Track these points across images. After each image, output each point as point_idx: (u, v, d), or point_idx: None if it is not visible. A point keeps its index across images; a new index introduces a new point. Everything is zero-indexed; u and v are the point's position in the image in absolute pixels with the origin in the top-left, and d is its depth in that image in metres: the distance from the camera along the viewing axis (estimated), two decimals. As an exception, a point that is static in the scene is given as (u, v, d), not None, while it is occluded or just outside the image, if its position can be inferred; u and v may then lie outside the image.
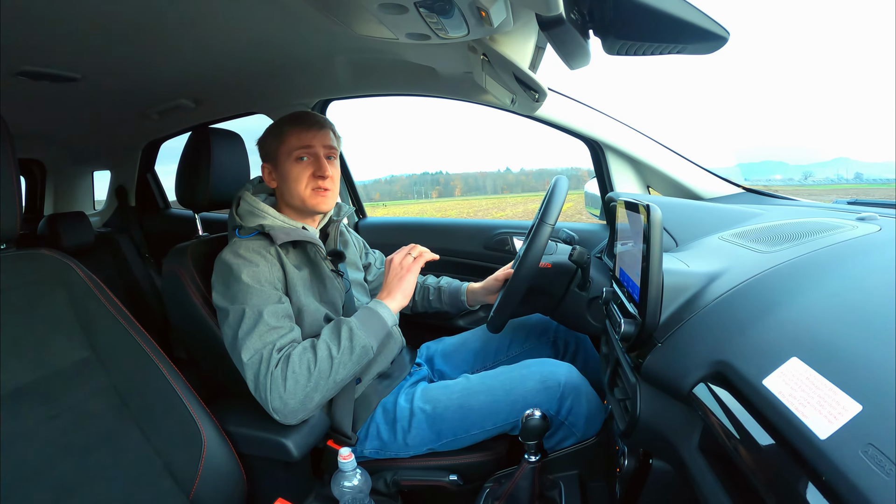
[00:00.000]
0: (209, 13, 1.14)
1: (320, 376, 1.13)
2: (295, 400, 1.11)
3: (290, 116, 1.36)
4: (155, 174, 2.92)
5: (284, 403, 1.11)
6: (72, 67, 1.42)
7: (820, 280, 0.73)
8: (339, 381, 1.17)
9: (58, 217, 2.45)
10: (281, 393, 1.10)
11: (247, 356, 1.13)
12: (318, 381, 1.13)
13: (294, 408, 1.12)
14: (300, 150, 1.31)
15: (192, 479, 1.05)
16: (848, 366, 0.52)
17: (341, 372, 1.15)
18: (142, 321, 1.16)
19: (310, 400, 1.13)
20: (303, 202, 1.33)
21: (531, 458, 1.09)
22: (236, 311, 1.17)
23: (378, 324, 1.23)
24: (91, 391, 1.03)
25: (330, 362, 1.14)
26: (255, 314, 1.15)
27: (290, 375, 1.11)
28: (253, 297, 1.17)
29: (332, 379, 1.15)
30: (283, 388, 1.10)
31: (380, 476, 1.25)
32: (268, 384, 1.11)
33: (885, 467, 0.40)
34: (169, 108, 2.02)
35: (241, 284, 1.18)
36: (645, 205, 0.79)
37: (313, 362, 1.13)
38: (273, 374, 1.11)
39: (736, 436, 0.57)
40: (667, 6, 0.79)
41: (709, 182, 1.66)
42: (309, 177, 1.32)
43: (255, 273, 1.20)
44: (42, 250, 1.10)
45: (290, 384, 1.11)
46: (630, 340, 0.84)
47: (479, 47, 1.09)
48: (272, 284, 1.21)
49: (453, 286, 1.68)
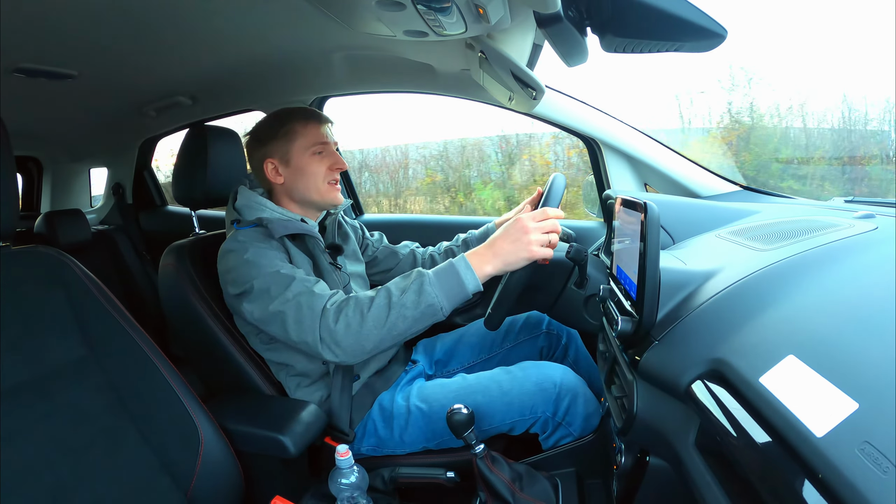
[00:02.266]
0: (206, 10, 1.14)
1: (375, 324, 1.08)
2: (347, 339, 1.09)
3: (295, 112, 1.36)
4: (152, 171, 2.91)
5: (335, 341, 1.09)
6: (68, 64, 1.41)
7: (817, 278, 0.73)
8: (396, 334, 1.09)
9: (55, 214, 2.44)
10: (331, 328, 1.09)
11: (287, 309, 1.12)
12: (371, 328, 1.08)
13: (346, 348, 1.10)
14: (318, 146, 1.33)
15: (189, 477, 1.05)
16: (845, 364, 0.52)
17: (399, 325, 1.08)
18: (139, 318, 1.15)
19: (362, 343, 1.09)
20: (321, 196, 1.35)
21: (476, 449, 1.11)
22: (259, 285, 1.16)
23: (456, 285, 1.09)
24: (88, 389, 1.03)
25: (388, 311, 1.08)
26: (277, 277, 1.16)
27: (342, 318, 1.09)
28: (267, 267, 1.18)
29: (388, 329, 1.08)
30: (333, 325, 1.09)
31: (377, 473, 1.25)
32: (316, 324, 1.09)
33: (881, 465, 0.40)
34: (166, 105, 2.01)
35: (250, 263, 1.18)
36: (642, 202, 0.79)
37: (367, 306, 1.09)
38: (325, 312, 1.10)
39: (733, 433, 0.57)
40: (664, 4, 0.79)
41: (706, 179, 1.66)
42: (326, 170, 1.34)
43: (262, 250, 1.21)
44: (39, 248, 1.09)
45: (341, 325, 1.09)
46: (627, 338, 0.85)
47: (476, 44, 1.09)
48: (280, 259, 1.22)
49: (478, 232, 1.64)
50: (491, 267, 1.11)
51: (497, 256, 1.11)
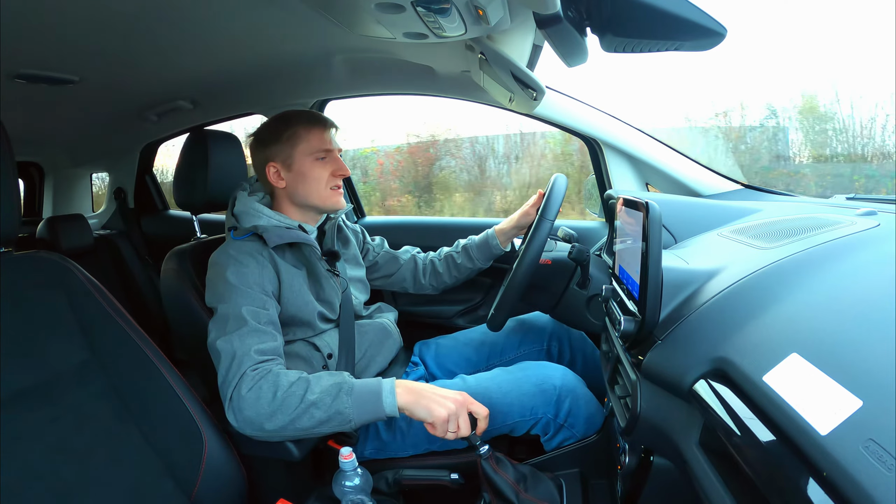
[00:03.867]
0: (207, 14, 1.14)
1: (282, 408, 1.05)
2: (250, 411, 1.06)
3: (300, 116, 1.35)
4: (153, 175, 2.92)
5: (239, 407, 1.06)
6: (69, 70, 1.42)
7: (819, 276, 0.73)
8: (299, 428, 1.07)
9: (57, 220, 2.44)
10: (241, 394, 1.06)
11: (223, 352, 1.11)
12: (275, 410, 1.05)
13: (246, 417, 1.06)
14: (321, 151, 1.32)
15: (193, 481, 1.05)
16: (848, 361, 0.52)
17: (304, 420, 1.06)
18: (141, 323, 1.16)
19: (261, 421, 1.06)
20: (323, 201, 1.35)
21: (481, 450, 1.10)
22: (222, 311, 1.16)
23: (373, 404, 1.08)
24: (92, 393, 1.03)
25: (299, 401, 1.06)
26: (237, 316, 1.14)
27: (255, 389, 1.06)
28: (237, 296, 1.17)
29: (292, 419, 1.05)
30: (244, 391, 1.06)
31: (381, 475, 1.25)
32: (233, 383, 1.08)
33: (885, 462, 0.40)
34: (167, 110, 2.01)
35: (227, 284, 1.18)
36: (644, 202, 0.79)
37: (284, 389, 1.06)
38: (244, 376, 1.07)
39: (737, 432, 0.57)
40: (664, 3, 0.79)
41: (707, 178, 1.66)
42: (329, 176, 1.33)
43: (243, 273, 1.19)
44: (41, 253, 1.10)
45: (251, 395, 1.06)
46: (630, 338, 0.85)
47: (476, 46, 1.09)
48: (260, 287, 1.20)
49: (478, 238, 1.62)
50: (409, 398, 1.09)
51: (415, 395, 1.09)
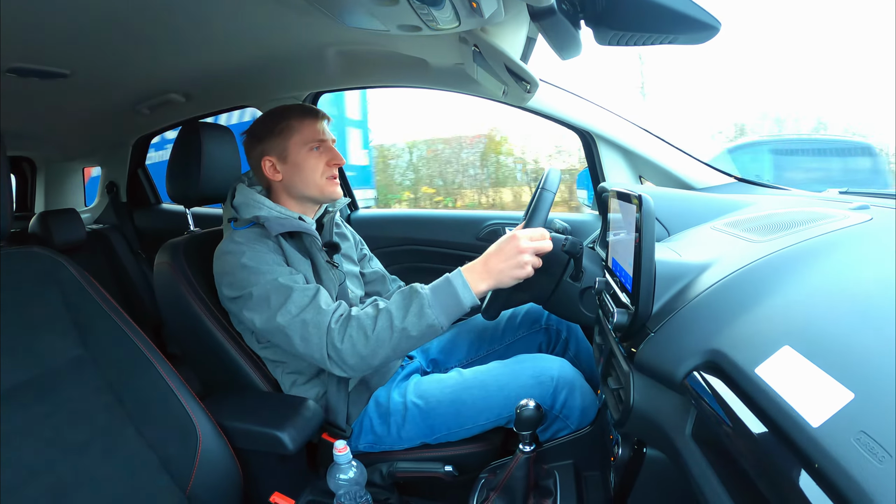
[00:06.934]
0: (198, 7, 1.13)
1: (378, 344, 1.12)
2: (353, 358, 1.13)
3: (292, 109, 1.36)
4: (146, 169, 2.90)
5: (342, 359, 1.13)
6: (61, 63, 1.40)
7: (812, 269, 0.73)
8: (401, 351, 1.15)
9: (49, 214, 2.42)
10: (338, 347, 1.12)
11: (289, 326, 1.14)
12: (375, 348, 1.12)
13: (352, 365, 1.14)
14: (315, 142, 1.33)
15: (188, 475, 1.05)
16: (840, 354, 0.53)
17: (403, 345, 1.13)
18: (135, 317, 1.15)
19: (368, 361, 1.14)
20: (320, 191, 1.36)
21: (525, 448, 1.10)
22: (258, 293, 1.18)
23: (454, 303, 1.12)
24: (86, 388, 1.03)
25: (390, 332, 1.11)
26: (276, 286, 1.17)
27: (347, 338, 1.12)
28: (265, 274, 1.19)
29: (392, 348, 1.13)
30: (339, 344, 1.12)
31: (375, 468, 1.26)
32: (322, 343, 1.13)
33: (877, 454, 0.40)
34: (159, 103, 2.00)
35: (248, 269, 1.19)
36: (637, 195, 0.79)
37: (371, 327, 1.12)
38: (330, 331, 1.13)
39: (729, 424, 0.57)
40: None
41: (701, 172, 1.66)
42: (324, 166, 1.34)
43: (260, 253, 1.22)
44: (34, 248, 1.09)
45: (347, 345, 1.12)
46: (623, 330, 0.85)
47: (470, 38, 1.09)
48: (279, 263, 1.23)
49: None
50: (485, 285, 1.14)
51: (490, 275, 1.14)
